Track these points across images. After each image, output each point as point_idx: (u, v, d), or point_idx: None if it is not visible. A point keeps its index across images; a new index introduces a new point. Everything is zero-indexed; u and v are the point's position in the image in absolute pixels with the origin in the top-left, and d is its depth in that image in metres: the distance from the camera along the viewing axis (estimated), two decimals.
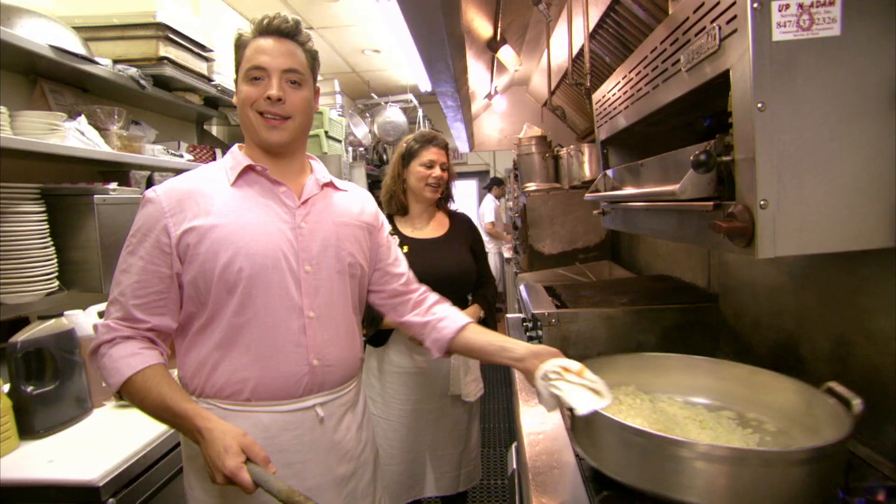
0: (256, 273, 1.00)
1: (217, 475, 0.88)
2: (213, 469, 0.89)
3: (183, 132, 2.55)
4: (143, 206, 1.02)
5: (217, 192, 1.03)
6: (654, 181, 1.10)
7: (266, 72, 1.01)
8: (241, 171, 1.05)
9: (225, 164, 1.08)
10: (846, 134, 0.69)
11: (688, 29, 0.86)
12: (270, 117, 1.02)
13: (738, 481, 0.75)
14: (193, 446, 0.98)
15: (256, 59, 1.01)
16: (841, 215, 0.71)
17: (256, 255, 1.00)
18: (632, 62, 1.18)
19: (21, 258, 1.41)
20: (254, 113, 1.02)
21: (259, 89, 1.01)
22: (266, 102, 1.01)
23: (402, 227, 1.84)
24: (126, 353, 0.98)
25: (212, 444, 0.89)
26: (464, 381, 1.78)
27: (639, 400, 1.13)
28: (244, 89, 1.02)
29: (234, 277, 0.99)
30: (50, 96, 1.70)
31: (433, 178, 1.78)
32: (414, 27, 1.86)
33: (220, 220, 1.00)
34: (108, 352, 0.98)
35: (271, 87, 1.00)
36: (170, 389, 0.96)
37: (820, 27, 0.66)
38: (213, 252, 0.99)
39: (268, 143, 1.04)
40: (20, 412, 1.32)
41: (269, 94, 1.00)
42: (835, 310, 1.09)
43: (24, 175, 1.56)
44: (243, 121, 1.06)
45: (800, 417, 0.96)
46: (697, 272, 1.86)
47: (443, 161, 1.80)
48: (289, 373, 1.03)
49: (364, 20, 3.29)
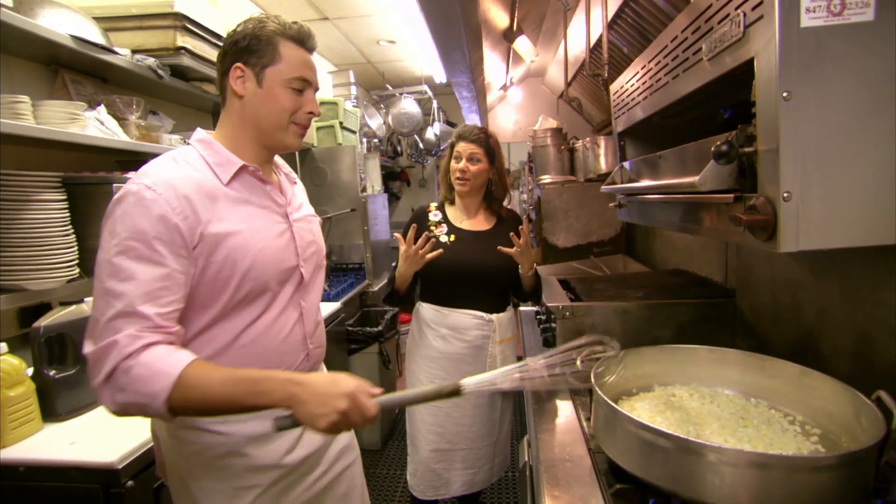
0: (270, 277, 1.03)
1: (337, 402, 0.84)
2: (326, 404, 0.84)
3: (199, 122, 2.57)
4: (139, 202, 0.89)
5: (216, 192, 0.99)
6: (672, 173, 1.08)
7: (311, 87, 1.06)
8: (235, 171, 1.02)
9: (206, 158, 1.01)
10: (876, 124, 0.67)
11: (711, 16, 0.84)
12: (301, 128, 1.07)
13: (764, 485, 0.74)
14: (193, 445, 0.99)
15: (303, 71, 1.04)
16: (867, 209, 0.69)
17: (270, 261, 1.02)
18: (651, 52, 1.16)
19: (43, 245, 1.43)
20: (290, 122, 1.05)
21: (300, 101, 1.04)
22: (307, 117, 1.06)
23: (450, 216, 1.90)
24: (162, 353, 0.85)
25: (315, 382, 0.86)
26: (500, 368, 1.79)
27: (695, 394, 1.14)
28: (288, 97, 1.02)
29: (250, 284, 0.99)
30: (71, 86, 1.73)
31: (458, 171, 1.82)
32: (430, 17, 1.85)
33: (233, 227, 0.98)
34: (136, 362, 0.83)
35: (314, 104, 1.07)
36: (233, 369, 0.89)
37: (852, 12, 0.64)
38: (231, 260, 0.96)
39: (292, 148, 1.09)
40: (43, 395, 1.35)
41: (312, 110, 1.06)
42: (857, 306, 1.06)
43: (44, 164, 1.58)
44: (267, 123, 1.03)
45: (847, 423, 0.92)
46: (714, 267, 1.83)
47: (472, 152, 1.81)
48: (292, 359, 1.09)
49: (380, 10, 3.28)
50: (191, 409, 0.87)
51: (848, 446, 0.90)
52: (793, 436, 0.96)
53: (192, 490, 1.02)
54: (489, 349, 1.83)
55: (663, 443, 0.82)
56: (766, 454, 0.80)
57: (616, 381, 1.14)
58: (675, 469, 0.81)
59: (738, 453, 0.77)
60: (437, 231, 1.84)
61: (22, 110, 1.37)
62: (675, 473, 0.81)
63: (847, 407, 0.92)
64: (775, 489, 0.74)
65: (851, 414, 0.91)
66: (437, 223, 1.87)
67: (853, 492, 0.76)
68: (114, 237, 0.88)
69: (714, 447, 0.77)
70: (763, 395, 1.11)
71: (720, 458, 0.76)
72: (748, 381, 1.14)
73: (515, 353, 1.91)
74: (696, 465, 0.78)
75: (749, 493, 0.75)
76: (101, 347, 0.84)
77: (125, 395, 0.83)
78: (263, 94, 1.02)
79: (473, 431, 1.84)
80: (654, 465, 0.84)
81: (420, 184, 6.13)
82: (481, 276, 1.78)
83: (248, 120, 1.04)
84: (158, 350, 0.86)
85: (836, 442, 0.93)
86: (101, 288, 0.87)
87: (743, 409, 1.07)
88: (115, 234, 0.88)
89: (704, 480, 0.77)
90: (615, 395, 1.14)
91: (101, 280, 0.87)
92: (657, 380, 1.20)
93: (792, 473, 0.74)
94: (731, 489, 0.76)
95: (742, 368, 1.15)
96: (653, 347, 1.22)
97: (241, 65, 1.01)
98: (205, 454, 1.01)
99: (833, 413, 0.96)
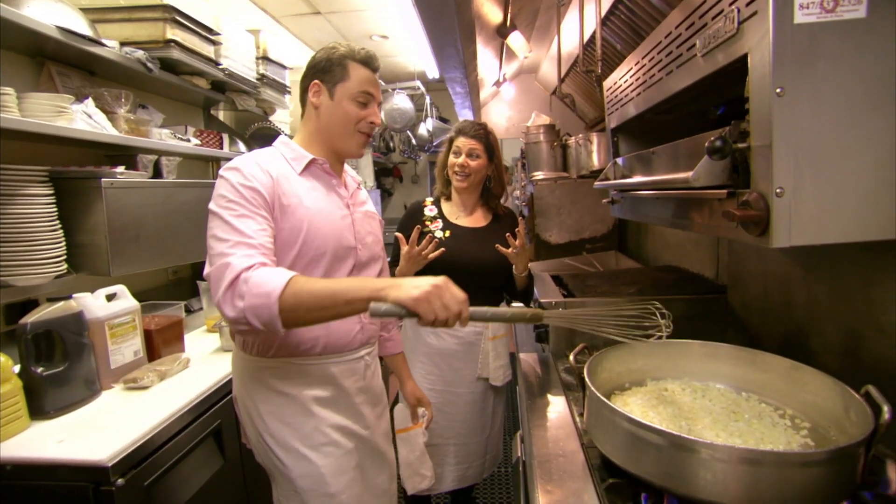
0: (329, 248, 1.20)
1: (452, 288, 0.97)
2: (438, 292, 0.95)
3: (190, 117, 2.55)
4: (231, 175, 1.11)
5: (290, 177, 1.19)
6: (665, 169, 1.09)
7: (374, 100, 1.25)
8: (307, 163, 1.23)
9: (284, 154, 1.23)
10: (868, 121, 0.67)
11: (705, 12, 0.84)
12: (364, 136, 1.26)
13: (755, 481, 0.75)
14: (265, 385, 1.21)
15: (368, 87, 1.23)
16: (859, 205, 0.69)
17: (330, 236, 1.20)
18: (645, 48, 1.16)
19: (30, 241, 1.41)
20: (355, 130, 1.24)
21: (364, 112, 1.24)
22: (369, 126, 1.26)
23: (446, 211, 1.88)
24: (273, 270, 1.02)
25: (415, 280, 0.97)
26: (493, 365, 1.82)
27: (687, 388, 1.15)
28: (354, 109, 1.22)
29: (312, 251, 1.17)
30: (57, 78, 1.70)
31: (457, 167, 1.80)
32: (424, 11, 1.84)
33: (302, 201, 1.17)
34: (254, 273, 1.00)
35: (376, 115, 1.26)
36: (334, 278, 1.13)
37: (844, 8, 0.64)
38: (297, 228, 1.15)
39: (357, 155, 1.30)
40: (30, 393, 1.33)
41: (375, 121, 1.26)
42: (846, 302, 1.08)
43: (31, 158, 1.56)
44: (337, 130, 1.24)
45: (836, 417, 0.93)
46: (706, 263, 1.84)
47: (471, 148, 1.79)
48: (348, 330, 1.26)
49: (372, 5, 3.25)
50: (301, 307, 0.99)
51: (837, 440, 0.91)
52: (783, 429, 0.97)
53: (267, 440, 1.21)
54: (482, 345, 1.82)
55: (655, 439, 0.82)
56: (757, 450, 0.81)
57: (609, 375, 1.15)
58: (666, 465, 0.81)
59: (729, 449, 0.77)
60: (432, 226, 1.83)
61: (6, 102, 1.34)
62: (666, 469, 0.81)
63: (836, 401, 0.93)
64: (766, 484, 0.74)
65: (841, 408, 0.92)
66: (433, 218, 1.86)
67: (842, 485, 0.77)
68: (220, 199, 1.09)
69: (705, 443, 0.78)
70: (754, 390, 1.12)
71: (711, 453, 0.77)
72: (739, 376, 1.15)
73: (508, 349, 1.90)
74: (688, 461, 0.78)
75: (740, 488, 0.75)
76: (217, 267, 1.03)
77: (244, 301, 0.99)
78: (334, 106, 1.22)
79: (466, 427, 1.84)
80: (646, 461, 0.84)
81: (413, 180, 6.12)
82: (475, 272, 1.76)
83: (322, 127, 1.25)
84: (269, 268, 1.03)
85: (826, 435, 0.94)
86: (213, 234, 1.07)
87: (734, 404, 1.08)
88: (220, 196, 1.10)
89: (696, 476, 0.78)
90: (608, 390, 1.15)
91: (213, 228, 1.07)
92: (649, 374, 1.21)
93: (783, 469, 0.75)
94: (723, 484, 0.76)
95: (733, 363, 1.16)
96: (645, 342, 1.22)
97: (318, 82, 1.22)
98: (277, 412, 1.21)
99: (823, 407, 0.97)
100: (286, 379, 1.21)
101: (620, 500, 0.87)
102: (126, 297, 1.65)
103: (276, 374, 1.21)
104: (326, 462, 1.22)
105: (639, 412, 1.05)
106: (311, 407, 1.22)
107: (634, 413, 0.98)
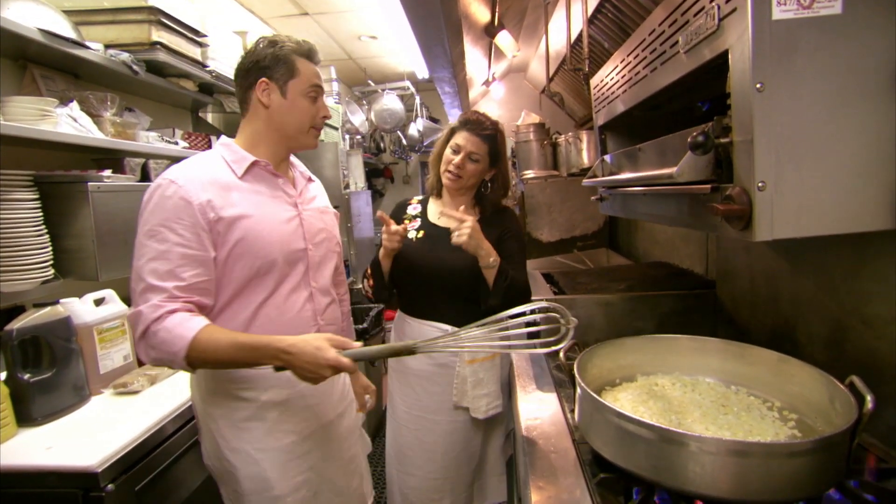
0: (278, 256, 1.17)
1: (323, 371, 1.02)
2: (314, 371, 1.02)
3: (178, 119, 2.53)
4: (163, 193, 1.07)
5: (230, 184, 1.15)
6: (652, 165, 1.10)
7: (322, 93, 1.24)
8: (248, 166, 1.18)
9: (225, 157, 1.19)
10: (845, 115, 0.68)
11: (686, 9, 0.85)
12: (318, 130, 1.25)
13: (743, 472, 0.76)
14: None
15: (317, 80, 1.22)
16: (839, 197, 0.70)
17: (278, 242, 1.17)
18: (630, 45, 1.17)
19: (15, 246, 1.40)
20: (310, 125, 1.23)
21: (316, 107, 1.23)
22: (321, 121, 1.25)
23: (430, 210, 1.68)
24: (180, 320, 1.04)
25: (303, 352, 1.02)
26: (472, 393, 1.53)
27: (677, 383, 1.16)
28: (306, 105, 1.20)
29: (259, 261, 1.15)
30: (41, 82, 1.68)
31: (452, 166, 1.57)
32: (411, 11, 1.84)
33: (244, 211, 1.14)
34: (161, 326, 1.02)
35: (326, 109, 1.25)
36: (236, 333, 1.08)
37: (821, 5, 0.65)
38: (242, 240, 1.12)
39: (310, 147, 1.28)
40: (17, 400, 1.32)
41: (327, 114, 1.25)
42: (832, 294, 1.09)
43: (15, 163, 1.54)
44: (293, 128, 1.21)
45: (822, 407, 0.95)
46: (695, 259, 1.86)
47: (472, 151, 1.55)
48: (303, 332, 1.19)
49: (360, 6, 3.25)
50: (208, 363, 1.07)
51: (823, 430, 0.92)
52: (771, 421, 0.98)
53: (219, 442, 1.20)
54: (457, 369, 1.54)
55: (645, 433, 0.83)
56: (745, 441, 0.82)
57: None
58: (656, 458, 0.82)
59: (718, 441, 0.78)
60: (409, 226, 1.65)
61: None
62: (656, 463, 0.82)
63: (822, 392, 0.94)
64: (755, 475, 0.75)
65: (826, 399, 0.93)
66: (413, 217, 1.69)
67: (828, 473, 0.78)
68: (145, 224, 1.07)
69: (694, 436, 0.79)
70: (743, 383, 1.13)
71: (700, 446, 0.77)
72: (728, 369, 1.16)
73: (496, 376, 1.57)
74: (677, 455, 0.79)
75: (729, 479, 0.76)
76: (132, 314, 1.05)
77: (155, 352, 1.04)
78: (289, 105, 1.19)
79: (447, 459, 1.59)
80: (637, 455, 0.85)
81: (404, 180, 6.11)
82: (446, 277, 1.54)
83: (274, 126, 1.21)
84: (177, 317, 1.04)
85: (812, 426, 0.96)
86: (136, 265, 1.06)
87: (723, 397, 1.09)
88: (146, 221, 1.07)
89: (686, 469, 0.78)
90: (598, 386, 1.16)
91: (136, 258, 1.07)
92: (640, 369, 1.22)
93: (770, 459, 0.75)
94: (712, 477, 0.77)
95: (722, 357, 1.17)
96: (635, 338, 1.23)
97: (266, 80, 1.17)
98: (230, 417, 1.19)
99: (809, 398, 0.98)
100: (240, 382, 1.18)
101: (612, 494, 0.88)
102: (115, 301, 1.64)
103: (229, 376, 1.18)
104: (273, 465, 1.19)
105: (629, 407, 1.05)
106: (264, 411, 1.20)
107: (625, 408, 0.99)
